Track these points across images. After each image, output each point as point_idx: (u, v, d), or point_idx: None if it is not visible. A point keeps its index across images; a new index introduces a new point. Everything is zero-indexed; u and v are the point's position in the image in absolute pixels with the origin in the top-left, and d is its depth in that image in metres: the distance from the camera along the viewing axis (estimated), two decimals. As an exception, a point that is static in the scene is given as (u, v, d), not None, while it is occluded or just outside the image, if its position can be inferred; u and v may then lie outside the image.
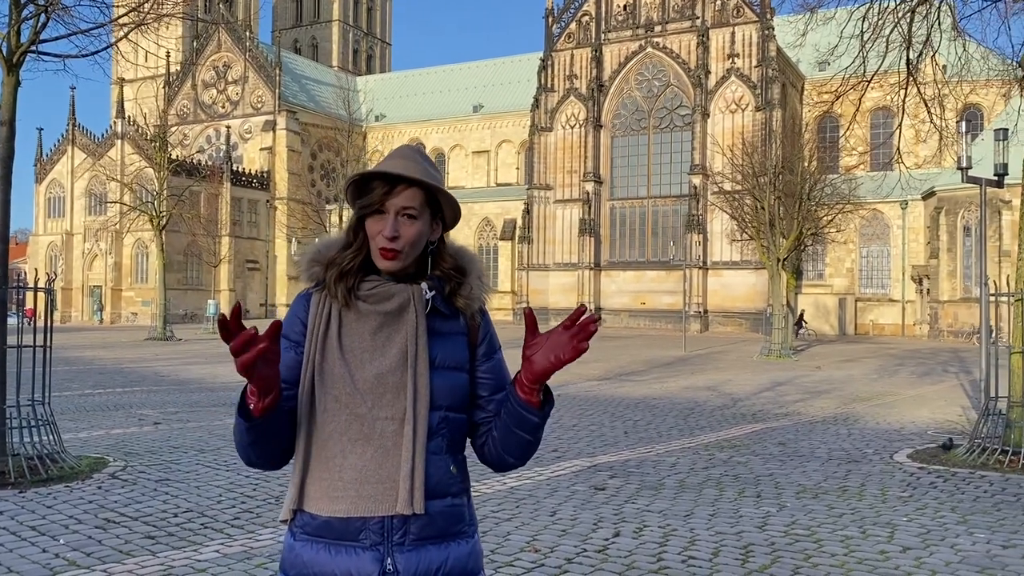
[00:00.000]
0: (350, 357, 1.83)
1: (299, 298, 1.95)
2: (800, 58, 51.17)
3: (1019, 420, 8.80)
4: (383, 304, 1.86)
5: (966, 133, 13.04)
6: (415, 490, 1.78)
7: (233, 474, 8.01)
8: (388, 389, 1.82)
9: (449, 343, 1.89)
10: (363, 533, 1.79)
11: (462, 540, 1.87)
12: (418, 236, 1.86)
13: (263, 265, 63.20)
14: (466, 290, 1.91)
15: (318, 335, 1.86)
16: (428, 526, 1.81)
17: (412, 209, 1.84)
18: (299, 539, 1.85)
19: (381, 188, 1.84)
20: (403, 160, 1.86)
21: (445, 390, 1.86)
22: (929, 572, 5.24)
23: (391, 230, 1.82)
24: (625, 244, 52.33)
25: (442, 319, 1.90)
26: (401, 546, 1.79)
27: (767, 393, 16.87)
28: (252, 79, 65.60)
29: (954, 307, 43.75)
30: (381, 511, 1.79)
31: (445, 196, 1.90)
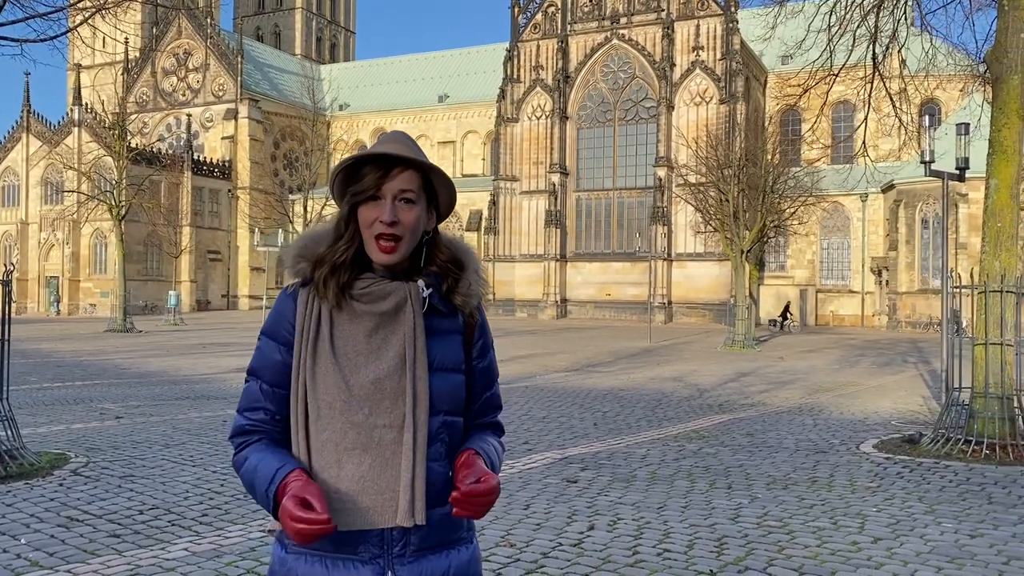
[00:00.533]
0: (344, 362, 1.73)
1: (285, 296, 1.83)
2: (764, 52, 51.63)
3: (982, 410, 8.96)
4: (378, 304, 1.74)
5: (929, 127, 13.23)
6: (416, 500, 1.70)
7: (200, 470, 7.87)
8: (386, 395, 1.72)
9: (446, 343, 1.80)
10: (362, 546, 1.71)
11: (462, 547, 1.80)
12: (417, 222, 1.75)
13: (225, 256, 62.35)
14: (464, 286, 1.81)
15: (308, 337, 1.75)
16: (429, 536, 1.74)
17: (410, 192, 1.73)
18: (291, 551, 1.76)
19: (375, 172, 1.73)
20: (395, 144, 1.75)
21: (444, 393, 1.77)
22: (901, 562, 5.31)
23: (390, 214, 1.71)
24: (591, 236, 52.49)
25: (439, 317, 1.80)
26: (402, 558, 1.72)
27: (732, 384, 17.02)
28: (213, 67, 64.57)
29: (912, 298, 44.56)
30: (380, 523, 1.70)
31: (442, 180, 1.80)
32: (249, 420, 1.81)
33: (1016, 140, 9.15)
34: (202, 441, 9.37)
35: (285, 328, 1.80)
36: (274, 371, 1.80)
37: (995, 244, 9.08)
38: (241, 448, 1.80)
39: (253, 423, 1.80)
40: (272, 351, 1.81)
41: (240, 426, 1.82)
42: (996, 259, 9.02)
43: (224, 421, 10.85)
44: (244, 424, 1.81)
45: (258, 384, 1.82)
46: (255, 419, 1.80)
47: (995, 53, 9.42)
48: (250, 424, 1.80)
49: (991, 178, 9.20)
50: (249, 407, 1.82)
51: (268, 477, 1.69)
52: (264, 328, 1.85)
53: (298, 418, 1.75)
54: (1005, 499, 7.09)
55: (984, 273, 9.07)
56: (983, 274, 9.09)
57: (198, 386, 15.09)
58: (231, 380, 16.13)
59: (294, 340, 1.78)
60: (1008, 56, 9.21)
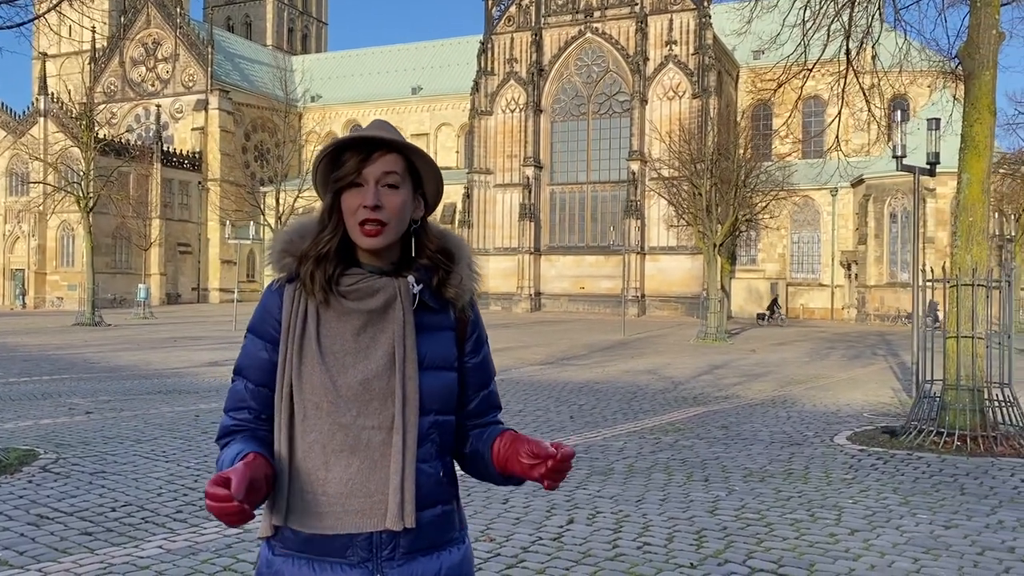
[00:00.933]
0: (331, 361, 1.67)
1: (270, 292, 1.77)
2: (736, 47, 51.94)
3: (954, 402, 9.07)
4: (366, 301, 1.69)
5: (901, 122, 13.36)
6: (406, 504, 1.65)
7: (173, 465, 7.75)
8: (375, 396, 1.66)
9: (437, 340, 1.74)
10: (350, 550, 1.66)
11: (453, 548, 1.76)
12: (402, 207, 1.68)
13: (195, 248, 61.67)
14: (456, 280, 1.75)
15: (294, 336, 1.69)
16: (419, 538, 1.69)
17: (394, 175, 1.67)
18: (278, 554, 1.71)
19: (356, 157, 1.67)
20: (376, 129, 1.71)
21: (435, 392, 1.71)
22: (878, 554, 5.35)
23: (373, 198, 1.64)
24: (565, 229, 52.56)
25: (430, 313, 1.74)
26: (391, 561, 1.67)
27: (706, 376, 17.12)
28: (183, 57, 63.72)
29: (881, 292, 45.16)
30: (369, 527, 1.65)
31: (426, 164, 1.74)
32: (235, 420, 1.75)
33: (987, 135, 9.26)
34: (175, 436, 9.24)
35: (271, 325, 1.74)
36: (260, 370, 1.74)
37: (967, 238, 9.18)
38: (224, 447, 1.75)
39: (238, 423, 1.75)
40: (258, 349, 1.75)
41: (226, 426, 1.77)
42: (968, 253, 9.12)
43: (196, 416, 10.72)
44: (230, 424, 1.76)
45: (243, 383, 1.76)
46: (240, 419, 1.75)
47: (967, 49, 9.51)
48: (235, 424, 1.75)
49: (963, 173, 9.30)
50: (234, 407, 1.76)
51: (228, 463, 1.64)
52: (250, 325, 1.79)
53: (282, 418, 1.70)
54: (977, 490, 7.19)
55: (956, 267, 9.17)
56: (955, 268, 9.20)
57: (169, 380, 14.89)
58: (203, 374, 15.95)
59: (280, 338, 1.72)
60: (980, 52, 9.30)
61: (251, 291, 59.72)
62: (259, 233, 35.12)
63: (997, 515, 6.35)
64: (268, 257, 1.78)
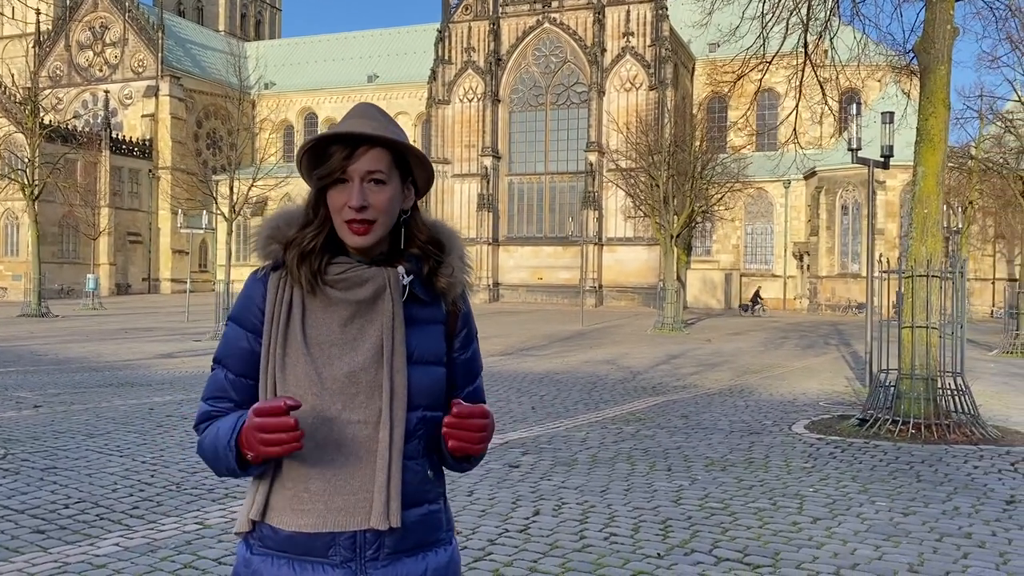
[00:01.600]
0: (317, 352, 1.61)
1: (254, 280, 1.70)
2: (692, 39, 52.30)
3: (908, 391, 9.25)
4: (355, 291, 1.63)
5: (857, 115, 13.56)
6: (391, 502, 1.59)
7: (128, 460, 7.56)
8: (361, 389, 1.60)
9: (426, 333, 1.68)
10: (332, 549, 1.60)
11: (440, 548, 1.70)
12: (390, 203, 1.62)
13: (146, 238, 60.38)
14: (447, 270, 1.70)
15: (278, 325, 1.63)
16: (404, 538, 1.63)
17: (379, 173, 1.61)
18: (256, 552, 1.65)
19: (340, 153, 1.60)
20: (362, 119, 1.63)
21: (423, 387, 1.65)
22: (840, 541, 5.42)
23: (358, 199, 1.58)
24: (523, 220, 52.55)
25: (420, 306, 1.68)
26: (375, 561, 1.61)
27: (664, 366, 17.27)
28: (132, 42, 62.20)
29: (832, 282, 45.99)
30: (353, 526, 1.60)
31: (415, 155, 1.67)
32: (215, 408, 1.70)
33: (942, 129, 9.42)
34: (128, 430, 9.02)
35: (253, 314, 1.68)
36: (241, 359, 1.68)
37: (922, 230, 9.35)
38: (205, 430, 1.69)
39: (219, 411, 1.69)
40: (239, 338, 1.69)
41: (206, 412, 1.70)
42: (923, 245, 9.29)
43: (150, 409, 10.48)
44: (210, 411, 1.70)
45: (224, 373, 1.70)
46: (221, 407, 1.69)
47: (923, 44, 9.67)
48: (216, 411, 1.70)
49: (918, 166, 9.46)
50: (214, 395, 1.70)
51: (228, 429, 1.60)
52: (231, 314, 1.72)
53: None
54: (933, 477, 7.33)
55: (911, 258, 9.34)
56: (910, 259, 9.36)
57: (121, 372, 14.56)
58: (156, 366, 15.62)
59: (263, 327, 1.66)
60: (935, 47, 9.46)
61: (203, 281, 58.75)
62: (212, 222, 34.47)
63: (952, 501, 6.49)
64: (254, 244, 1.71)
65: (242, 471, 1.61)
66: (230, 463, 1.60)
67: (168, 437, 8.66)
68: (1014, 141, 25.62)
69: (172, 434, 8.83)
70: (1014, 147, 25.99)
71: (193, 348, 19.48)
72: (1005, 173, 25.34)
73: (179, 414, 10.10)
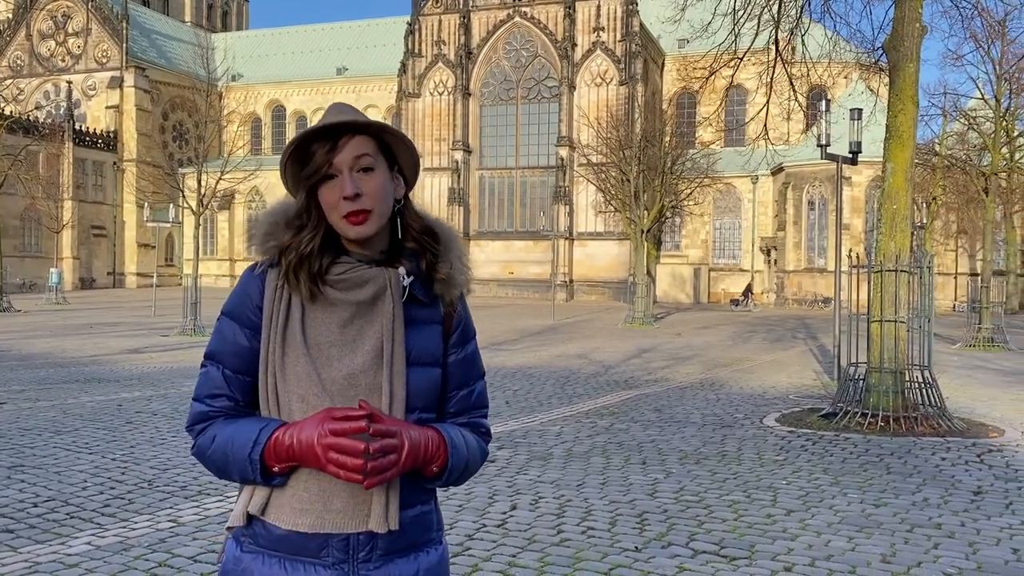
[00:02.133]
0: (316, 353, 1.59)
1: (251, 276, 1.66)
2: (661, 35, 52.55)
3: (877, 384, 9.39)
4: (355, 292, 1.60)
5: (826, 112, 13.70)
6: (390, 505, 1.57)
7: (97, 457, 7.44)
8: (360, 391, 1.58)
9: (424, 334, 1.66)
10: (325, 550, 1.58)
11: (431, 548, 1.69)
12: (382, 189, 1.60)
13: (111, 231, 59.44)
14: (445, 265, 1.67)
15: (277, 325, 1.60)
16: (398, 540, 1.62)
17: (366, 157, 1.58)
18: (247, 550, 1.62)
19: (323, 148, 1.58)
20: (338, 114, 1.61)
21: (420, 389, 1.64)
22: (814, 533, 5.49)
23: (351, 187, 1.56)
24: (494, 214, 52.51)
25: (419, 306, 1.66)
26: (367, 563, 1.60)
27: (635, 360, 17.36)
28: (96, 32, 61.11)
29: (799, 276, 46.54)
30: (350, 528, 1.58)
31: (398, 139, 1.64)
32: (211, 407, 1.65)
33: (911, 126, 9.56)
34: (97, 427, 8.88)
35: (250, 311, 1.65)
36: (237, 356, 1.65)
37: (891, 225, 9.48)
38: (202, 431, 1.65)
39: (216, 410, 1.65)
40: (235, 334, 1.65)
41: (201, 412, 1.66)
42: (891, 240, 9.43)
43: (119, 405, 10.33)
44: (206, 411, 1.66)
45: (219, 369, 1.66)
46: (218, 406, 1.65)
47: (892, 41, 9.79)
48: (213, 411, 1.65)
49: (888, 162, 9.59)
50: (210, 394, 1.66)
51: (248, 442, 1.56)
52: (226, 308, 1.68)
53: (269, 409, 1.62)
54: (902, 469, 7.45)
55: (880, 253, 9.47)
56: (879, 254, 9.49)
57: (87, 368, 14.32)
58: (123, 362, 15.39)
59: (261, 325, 1.63)
60: (904, 44, 9.59)
61: (170, 276, 58.05)
62: (179, 216, 33.99)
63: (922, 493, 6.60)
64: (251, 239, 1.67)
65: (265, 482, 1.58)
66: (249, 475, 1.58)
67: (138, 434, 8.54)
68: (977, 138, 26.06)
69: (142, 431, 8.71)
70: (977, 144, 26.44)
71: (161, 343, 19.23)
72: (968, 170, 25.78)
73: (148, 410, 9.97)
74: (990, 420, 10.10)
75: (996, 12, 18.81)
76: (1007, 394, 12.79)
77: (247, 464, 1.57)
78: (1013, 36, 22.58)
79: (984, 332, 21.82)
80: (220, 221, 60.37)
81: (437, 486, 1.68)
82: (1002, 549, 5.25)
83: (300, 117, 64.78)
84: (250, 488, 1.63)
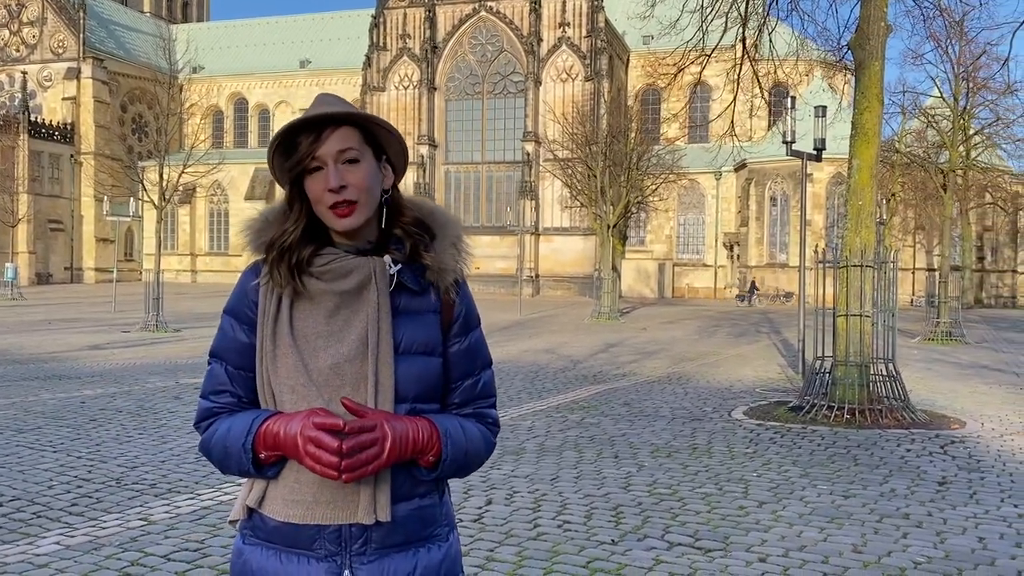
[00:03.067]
0: (303, 344, 1.59)
1: (248, 274, 1.68)
2: (626, 31, 52.78)
3: (843, 377, 9.54)
4: (340, 282, 1.60)
5: (792, 109, 13.87)
6: (379, 495, 1.56)
7: (62, 455, 7.30)
8: (346, 381, 1.58)
9: (417, 323, 1.64)
10: (317, 542, 1.58)
11: (433, 545, 1.66)
12: (369, 180, 1.59)
13: (68, 226, 58.26)
14: (431, 256, 1.65)
15: (268, 318, 1.61)
16: (392, 533, 1.60)
17: (351, 150, 1.57)
18: (248, 543, 1.65)
19: (307, 139, 1.57)
20: (324, 106, 1.59)
21: (412, 379, 1.61)
22: (787, 524, 5.57)
23: (335, 179, 1.55)
24: (460, 209, 52.29)
25: (410, 295, 1.64)
26: (361, 556, 1.59)
27: (603, 355, 17.45)
28: (52, 21, 59.77)
29: (761, 272, 47.10)
30: (339, 519, 1.58)
31: (383, 129, 1.64)
32: (216, 403, 1.68)
33: (876, 123, 9.72)
34: (60, 425, 8.71)
35: (248, 307, 1.66)
36: (239, 353, 1.66)
37: (856, 221, 9.63)
38: (208, 427, 1.67)
39: (221, 406, 1.67)
40: (235, 332, 1.67)
41: (208, 409, 1.68)
42: (857, 235, 9.58)
43: (82, 402, 10.14)
44: (212, 407, 1.68)
45: (223, 367, 1.68)
46: (222, 402, 1.67)
47: (858, 40, 9.93)
48: (218, 407, 1.67)
49: (853, 159, 9.74)
50: (214, 390, 1.68)
51: (242, 431, 1.58)
52: (227, 307, 1.70)
53: (264, 401, 1.64)
54: (869, 460, 7.59)
55: (846, 248, 9.62)
56: (845, 249, 9.64)
57: (48, 365, 14.03)
58: (84, 358, 15.11)
59: (256, 320, 1.64)
60: (870, 43, 9.73)
61: (130, 271, 57.06)
62: (139, 210, 33.41)
63: (889, 483, 6.72)
64: (245, 239, 1.67)
65: (257, 472, 1.60)
66: (244, 465, 1.59)
67: (103, 431, 8.39)
68: (935, 136, 26.56)
69: (107, 428, 8.56)
70: (935, 142, 26.95)
71: (123, 339, 18.91)
72: (927, 167, 26.27)
73: (113, 407, 9.80)
74: (951, 412, 10.32)
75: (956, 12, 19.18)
76: (966, 387, 13.09)
77: (241, 454, 1.58)
78: (971, 36, 23.00)
79: (942, 326, 22.28)
80: (181, 215, 59.48)
81: (436, 478, 1.65)
82: (968, 538, 5.37)
83: (263, 110, 64.04)
84: (249, 481, 1.65)
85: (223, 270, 58.66)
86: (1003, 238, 51.20)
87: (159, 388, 11.50)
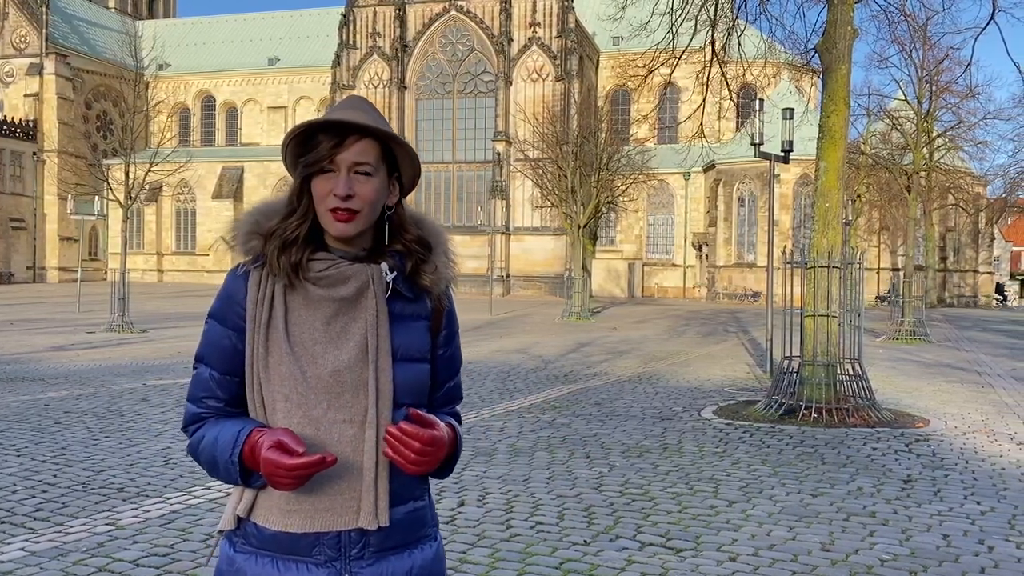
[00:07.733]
0: (300, 351, 1.59)
1: (234, 277, 1.66)
2: (596, 32, 52.98)
3: (811, 377, 9.66)
4: (337, 289, 1.60)
5: (760, 111, 14.01)
6: (379, 501, 1.58)
7: (26, 460, 7.17)
8: (346, 388, 1.59)
9: (411, 330, 1.67)
10: (316, 549, 1.59)
11: (425, 545, 1.70)
12: (376, 196, 1.61)
13: (30, 224, 57.23)
14: (431, 267, 1.68)
15: (260, 324, 1.60)
16: (390, 536, 1.62)
17: (367, 165, 1.59)
18: (240, 550, 1.63)
19: (328, 142, 1.58)
20: (353, 110, 1.61)
21: (407, 385, 1.64)
22: (756, 523, 5.63)
23: (344, 187, 1.56)
24: (431, 208, 52.10)
25: (404, 302, 1.67)
26: (360, 560, 1.60)
27: (574, 354, 17.51)
28: (13, 16, 58.67)
29: (729, 272, 47.58)
30: (340, 525, 1.58)
31: (404, 150, 1.66)
32: (202, 408, 1.69)
33: (843, 126, 9.85)
34: (24, 428, 8.56)
35: (235, 312, 1.65)
36: (224, 358, 1.66)
37: (823, 223, 9.76)
38: (195, 432, 1.68)
39: (207, 411, 1.68)
40: (220, 336, 1.66)
41: (195, 413, 1.69)
42: (824, 237, 9.70)
43: (46, 405, 9.97)
44: (199, 411, 1.69)
45: (208, 371, 1.68)
46: (208, 407, 1.68)
47: (825, 44, 10.07)
48: (204, 412, 1.68)
49: (821, 161, 9.86)
50: (200, 395, 1.69)
51: (229, 444, 1.59)
52: (211, 311, 1.69)
53: (255, 409, 1.64)
54: (836, 459, 7.69)
55: (814, 249, 9.74)
56: (812, 250, 9.76)
57: (9, 367, 13.77)
58: (47, 359, 14.86)
59: (246, 327, 1.63)
60: (836, 47, 9.87)
61: (95, 270, 56.16)
62: (104, 209, 32.91)
63: (856, 482, 6.82)
64: (232, 239, 1.65)
65: (245, 484, 1.61)
66: (232, 476, 1.60)
67: (68, 434, 8.26)
68: (899, 138, 26.98)
69: (72, 431, 8.43)
70: (899, 143, 27.37)
71: (88, 340, 18.62)
72: (892, 168, 26.67)
73: (78, 410, 9.65)
74: (916, 411, 10.50)
75: (920, 17, 19.50)
76: (930, 385, 13.32)
77: (230, 466, 1.59)
78: (935, 40, 23.39)
79: (907, 325, 22.64)
80: (147, 214, 58.68)
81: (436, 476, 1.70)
82: (933, 535, 5.47)
83: (231, 108, 63.35)
84: (239, 490, 1.65)
85: (190, 269, 58.01)
86: (965, 239, 52.22)
87: (126, 390, 11.35)
